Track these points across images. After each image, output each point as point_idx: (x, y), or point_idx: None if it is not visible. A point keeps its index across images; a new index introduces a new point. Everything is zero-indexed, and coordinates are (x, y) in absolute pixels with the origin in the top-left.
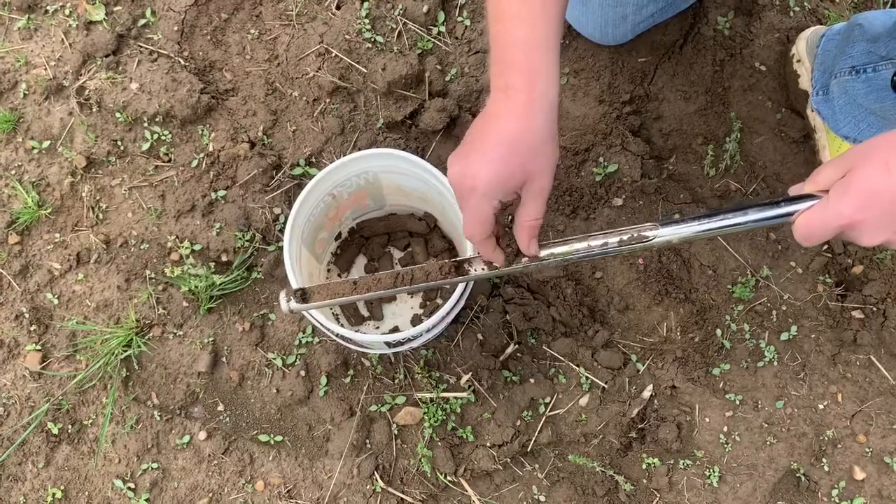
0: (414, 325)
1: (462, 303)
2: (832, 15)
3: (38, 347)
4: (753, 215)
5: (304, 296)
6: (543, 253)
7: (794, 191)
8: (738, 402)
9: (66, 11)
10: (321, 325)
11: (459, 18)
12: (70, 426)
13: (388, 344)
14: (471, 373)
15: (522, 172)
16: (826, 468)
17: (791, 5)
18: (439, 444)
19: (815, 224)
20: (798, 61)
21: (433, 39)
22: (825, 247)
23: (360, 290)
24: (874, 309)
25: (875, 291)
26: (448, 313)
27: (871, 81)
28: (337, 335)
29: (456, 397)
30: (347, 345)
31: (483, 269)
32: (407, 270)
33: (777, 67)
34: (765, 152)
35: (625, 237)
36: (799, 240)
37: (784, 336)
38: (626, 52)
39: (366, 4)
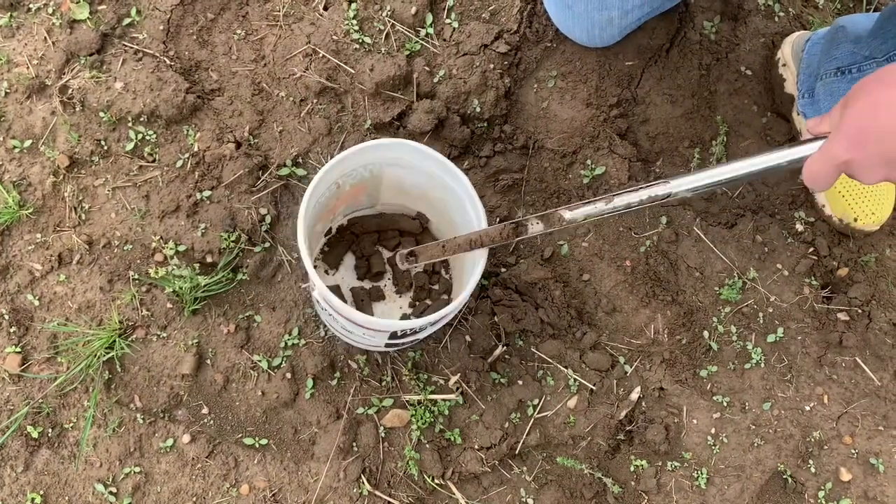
0: (416, 319)
1: (468, 297)
2: (816, 20)
3: (18, 349)
4: (763, 161)
5: (413, 255)
6: (573, 213)
7: (810, 127)
8: (725, 404)
9: (50, 10)
10: (334, 306)
11: (447, 20)
12: (50, 430)
13: (393, 335)
14: (459, 374)
15: None
16: (813, 470)
17: (776, 10)
18: (427, 446)
19: (816, 168)
20: (784, 65)
21: (421, 41)
22: (811, 249)
23: (447, 251)
24: (859, 311)
25: (860, 294)
26: (458, 306)
27: (857, 81)
28: (347, 320)
29: (444, 399)
30: (347, 335)
31: (539, 226)
32: (476, 235)
33: (762, 72)
34: (750, 156)
35: (644, 197)
36: (807, 185)
37: (771, 338)
38: (614, 55)
39: (353, 5)
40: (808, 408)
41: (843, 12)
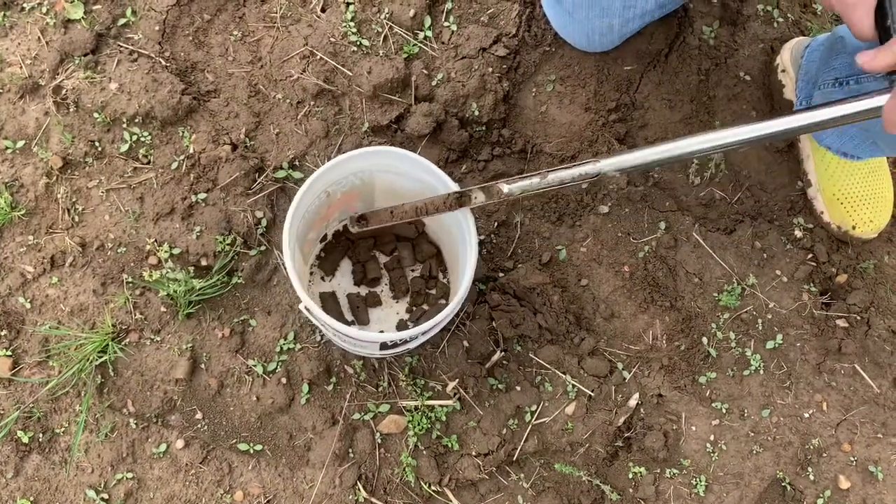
0: (399, 331)
1: (459, 305)
2: (814, 26)
3: (9, 353)
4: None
5: (362, 219)
6: (510, 187)
7: (865, 62)
8: (724, 411)
9: (44, 9)
10: (320, 319)
11: (446, 24)
12: (41, 435)
13: (384, 345)
14: (457, 380)
15: None
16: (811, 477)
17: (775, 16)
18: (424, 452)
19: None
20: (783, 71)
21: (419, 44)
22: (810, 255)
23: (395, 216)
24: (858, 318)
25: (859, 300)
26: (449, 314)
27: (854, 93)
28: (335, 332)
29: (441, 405)
30: (341, 343)
31: (482, 197)
32: (422, 202)
33: (761, 77)
34: (749, 161)
35: (575, 174)
36: (888, 130)
37: (770, 344)
38: (612, 60)
39: (351, 7)
40: (807, 415)
41: (842, 20)
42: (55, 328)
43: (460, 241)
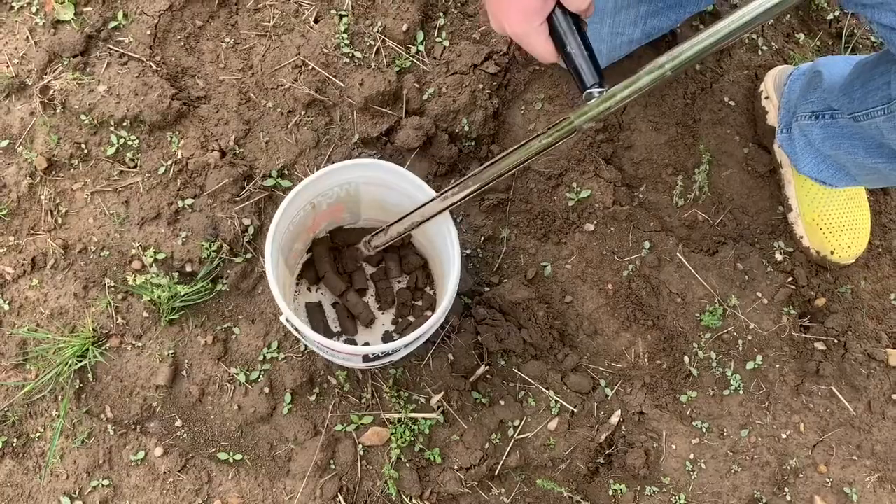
0: (385, 343)
1: (440, 321)
2: (797, 56)
3: None
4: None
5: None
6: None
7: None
8: (704, 430)
9: (33, 9)
10: (301, 332)
11: (438, 39)
12: (15, 439)
13: (366, 357)
14: (441, 393)
15: None
16: (788, 497)
17: (759, 45)
18: (406, 465)
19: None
20: (766, 98)
21: (412, 58)
22: (790, 278)
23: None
24: (835, 341)
25: (837, 324)
26: (428, 330)
27: (828, 128)
28: (317, 344)
29: (425, 418)
30: (324, 354)
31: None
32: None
33: (746, 103)
34: (732, 185)
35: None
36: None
37: (750, 365)
38: None
39: (345, 19)
40: (784, 435)
41: (823, 49)
42: (34, 331)
43: (445, 253)
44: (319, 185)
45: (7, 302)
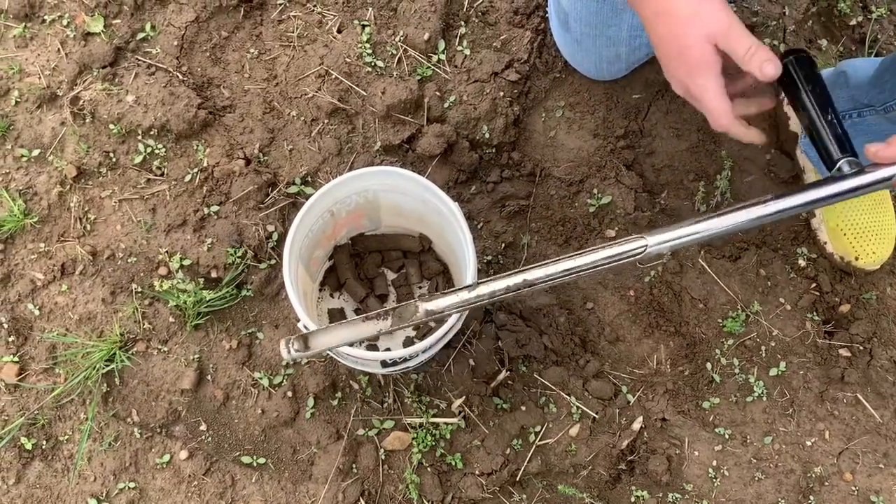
0: (406, 348)
1: (458, 325)
2: (819, 62)
3: (16, 359)
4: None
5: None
6: (535, 274)
7: (875, 153)
8: (727, 437)
9: (64, 22)
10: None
11: (459, 48)
12: (45, 442)
13: (384, 363)
14: (462, 398)
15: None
16: None
17: (780, 50)
18: (427, 470)
19: None
20: (789, 104)
21: (433, 67)
22: (813, 285)
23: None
24: (861, 348)
25: (862, 330)
26: (445, 335)
27: (855, 127)
28: (335, 350)
29: (446, 423)
30: (342, 360)
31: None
32: (384, 311)
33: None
34: (754, 191)
35: (614, 252)
36: None
37: (773, 371)
38: (621, 88)
39: (367, 29)
40: (809, 443)
41: (846, 55)
42: (63, 335)
43: (464, 259)
44: (336, 194)
45: (37, 307)
